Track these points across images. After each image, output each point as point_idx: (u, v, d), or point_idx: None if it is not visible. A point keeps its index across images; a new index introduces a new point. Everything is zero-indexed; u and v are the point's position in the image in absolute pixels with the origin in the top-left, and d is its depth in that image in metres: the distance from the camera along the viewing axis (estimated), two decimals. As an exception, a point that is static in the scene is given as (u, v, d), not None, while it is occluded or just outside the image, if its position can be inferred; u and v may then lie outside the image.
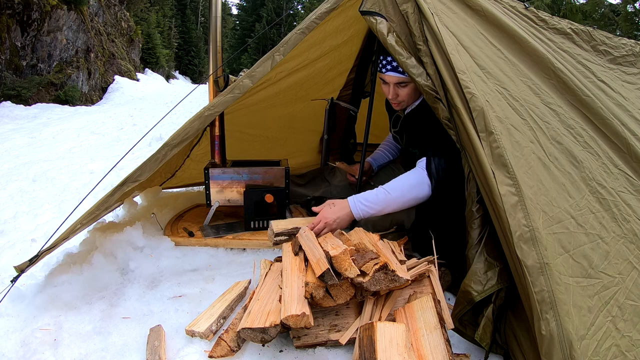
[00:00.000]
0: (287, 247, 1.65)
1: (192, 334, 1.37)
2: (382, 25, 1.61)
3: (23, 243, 2.30)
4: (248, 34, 31.89)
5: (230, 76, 2.12)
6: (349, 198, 1.77)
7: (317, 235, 1.67)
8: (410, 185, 1.76)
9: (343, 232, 1.75)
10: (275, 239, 1.72)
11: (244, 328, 1.25)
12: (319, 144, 3.13)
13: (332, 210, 1.75)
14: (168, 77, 24.06)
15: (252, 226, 2.15)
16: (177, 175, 2.57)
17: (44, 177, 3.82)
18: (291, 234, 1.72)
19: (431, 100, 1.53)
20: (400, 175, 1.80)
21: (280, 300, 1.35)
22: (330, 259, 1.31)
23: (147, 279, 1.74)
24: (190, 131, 1.67)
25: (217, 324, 1.41)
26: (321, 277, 1.27)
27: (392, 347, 1.11)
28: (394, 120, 2.13)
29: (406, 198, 1.76)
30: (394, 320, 1.35)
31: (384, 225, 2.00)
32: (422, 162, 1.79)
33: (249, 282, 1.68)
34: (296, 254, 1.57)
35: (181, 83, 25.71)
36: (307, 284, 1.29)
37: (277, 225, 1.74)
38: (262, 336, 1.26)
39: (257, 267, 1.79)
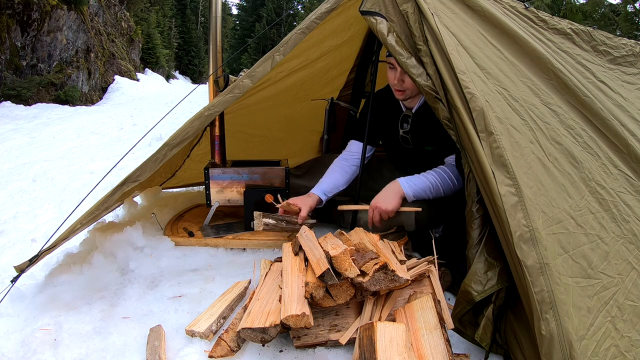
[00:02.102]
0: (287, 247, 1.65)
1: (192, 334, 1.37)
2: (382, 26, 1.61)
3: (23, 243, 2.30)
4: (248, 34, 31.91)
5: (230, 76, 2.12)
6: (398, 180, 1.89)
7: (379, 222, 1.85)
8: (451, 177, 1.86)
9: (343, 232, 1.75)
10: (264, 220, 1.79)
11: (244, 328, 1.25)
12: (319, 144, 3.14)
13: (381, 194, 1.87)
14: (168, 77, 24.06)
15: (252, 226, 2.15)
16: (177, 175, 2.58)
17: (44, 177, 3.82)
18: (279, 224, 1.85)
19: (431, 100, 1.53)
20: (438, 169, 1.90)
21: (280, 300, 1.35)
22: (330, 259, 1.31)
23: (147, 279, 1.74)
24: (190, 131, 1.67)
25: (217, 324, 1.41)
26: (321, 277, 1.27)
27: (392, 347, 1.11)
28: (402, 119, 2.07)
29: (446, 188, 1.87)
30: (394, 320, 1.35)
31: (384, 226, 1.99)
32: (451, 159, 1.88)
33: (249, 282, 1.68)
34: (296, 254, 1.57)
35: (181, 83, 25.72)
36: (307, 284, 1.29)
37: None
38: (262, 336, 1.26)
39: (257, 267, 1.79)
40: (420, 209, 1.84)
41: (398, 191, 1.84)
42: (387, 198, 1.83)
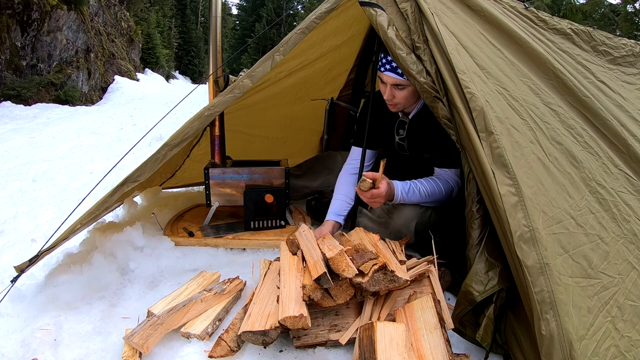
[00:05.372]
0: (285, 246, 1.65)
1: (187, 335, 1.37)
2: (382, 18, 1.58)
3: (23, 243, 2.30)
4: (248, 34, 31.88)
5: (230, 76, 2.12)
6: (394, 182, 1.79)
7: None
8: (441, 191, 1.84)
9: (344, 233, 1.75)
10: None
11: (245, 332, 1.25)
12: (319, 144, 3.13)
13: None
14: (168, 77, 24.05)
15: (252, 226, 2.15)
16: (177, 175, 2.58)
17: (44, 177, 3.82)
18: None
19: (429, 99, 1.53)
20: (435, 183, 1.84)
21: (278, 301, 1.34)
22: (327, 260, 1.31)
23: (147, 279, 1.74)
24: (190, 131, 1.67)
25: (212, 326, 1.41)
26: (317, 281, 1.27)
27: (392, 347, 1.11)
28: (398, 125, 2.01)
29: (436, 202, 1.87)
30: (394, 320, 1.35)
31: (383, 232, 1.98)
32: (442, 171, 1.88)
33: (244, 284, 1.67)
34: (294, 253, 1.57)
35: (181, 83, 25.70)
36: (304, 286, 1.29)
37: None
38: (263, 339, 1.26)
39: (256, 267, 1.79)
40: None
41: (387, 195, 1.73)
42: (383, 198, 1.71)
